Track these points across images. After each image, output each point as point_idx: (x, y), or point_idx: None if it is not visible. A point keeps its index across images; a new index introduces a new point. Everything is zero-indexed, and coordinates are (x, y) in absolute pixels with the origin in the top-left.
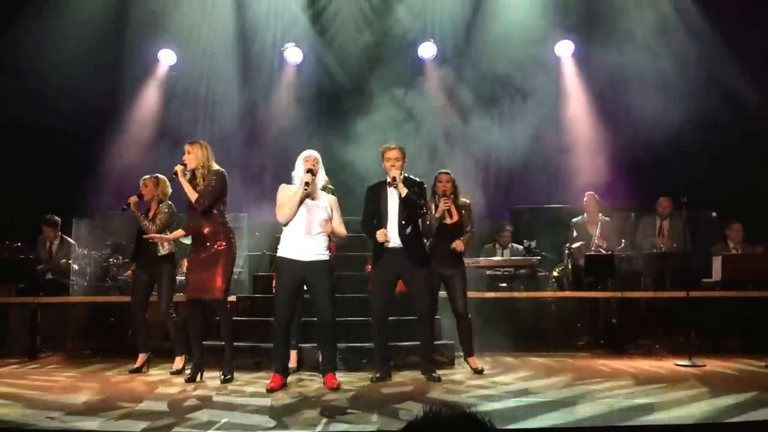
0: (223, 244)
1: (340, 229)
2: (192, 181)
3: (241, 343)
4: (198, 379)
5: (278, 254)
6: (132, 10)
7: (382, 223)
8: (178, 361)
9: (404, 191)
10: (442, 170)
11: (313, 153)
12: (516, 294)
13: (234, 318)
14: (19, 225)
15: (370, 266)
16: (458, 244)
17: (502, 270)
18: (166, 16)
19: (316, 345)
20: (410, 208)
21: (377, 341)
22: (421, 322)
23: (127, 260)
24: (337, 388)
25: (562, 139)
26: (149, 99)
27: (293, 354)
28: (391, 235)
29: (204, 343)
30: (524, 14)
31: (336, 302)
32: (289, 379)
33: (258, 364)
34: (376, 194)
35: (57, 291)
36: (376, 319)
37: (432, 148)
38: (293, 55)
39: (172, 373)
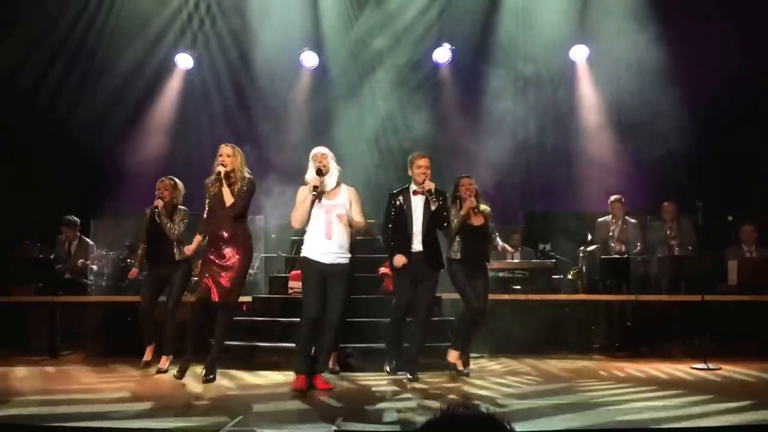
0: (244, 248)
1: (358, 218)
2: (230, 185)
3: (258, 343)
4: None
5: (302, 254)
6: (148, 14)
7: (407, 230)
8: (164, 360)
9: (435, 205)
10: (463, 174)
11: (320, 149)
12: (530, 296)
13: (250, 318)
14: (39, 225)
15: (382, 269)
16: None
17: (515, 272)
18: (183, 20)
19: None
20: (439, 221)
21: (393, 336)
22: (422, 323)
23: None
24: (330, 389)
25: (577, 143)
26: (166, 102)
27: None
28: (414, 240)
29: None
30: (541, 18)
31: (347, 307)
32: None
33: (276, 364)
34: (400, 201)
35: (76, 291)
36: (396, 316)
37: (446, 151)
38: (309, 59)
39: (158, 372)
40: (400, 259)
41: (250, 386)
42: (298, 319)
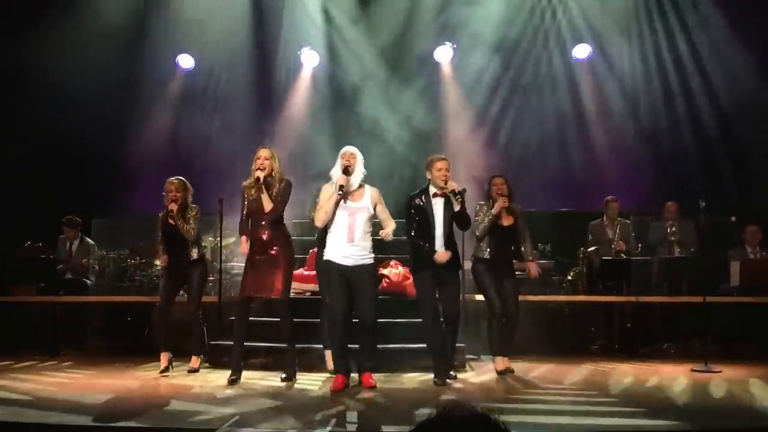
0: (285, 248)
1: (389, 221)
2: (268, 188)
3: (256, 343)
4: (240, 380)
5: (325, 256)
6: (152, 15)
7: (429, 231)
8: (195, 360)
9: (458, 207)
10: (496, 174)
11: (349, 148)
12: (530, 297)
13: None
14: (40, 225)
15: (381, 269)
16: (533, 270)
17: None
18: (184, 21)
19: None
20: (462, 222)
21: (433, 343)
22: (450, 324)
23: (144, 261)
24: (373, 387)
25: (579, 142)
26: (168, 102)
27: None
28: (436, 243)
29: (214, 342)
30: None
31: (378, 304)
32: (300, 379)
33: (274, 363)
34: (421, 203)
35: (76, 290)
36: (430, 321)
37: (445, 150)
38: (310, 58)
39: (190, 371)
40: (444, 255)
41: (247, 386)
42: (297, 320)
